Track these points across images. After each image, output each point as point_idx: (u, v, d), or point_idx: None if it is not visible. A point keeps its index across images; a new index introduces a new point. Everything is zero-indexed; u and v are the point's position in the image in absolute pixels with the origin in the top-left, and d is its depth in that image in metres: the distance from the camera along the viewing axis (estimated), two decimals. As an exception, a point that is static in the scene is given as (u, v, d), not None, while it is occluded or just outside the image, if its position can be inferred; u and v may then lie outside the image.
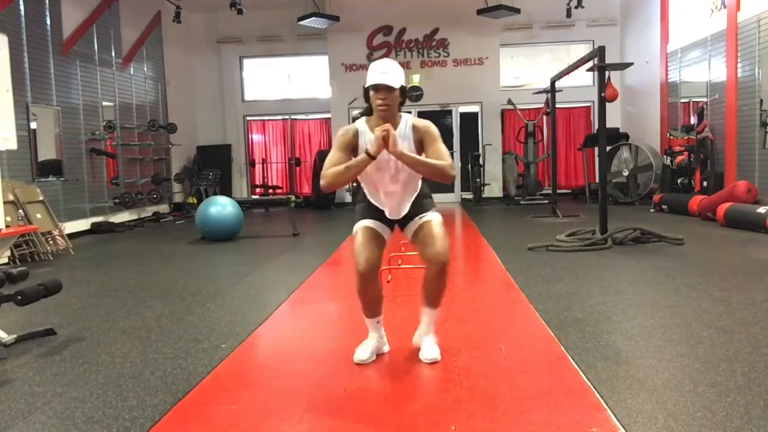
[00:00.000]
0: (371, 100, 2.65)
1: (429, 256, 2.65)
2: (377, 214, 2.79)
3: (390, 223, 2.83)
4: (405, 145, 2.62)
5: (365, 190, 2.83)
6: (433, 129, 2.69)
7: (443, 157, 2.60)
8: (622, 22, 12.37)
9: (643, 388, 2.37)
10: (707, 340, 2.95)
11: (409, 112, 3.02)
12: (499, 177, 12.55)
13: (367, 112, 2.73)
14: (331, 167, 2.60)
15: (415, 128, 2.69)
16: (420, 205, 2.78)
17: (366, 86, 2.64)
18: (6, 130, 5.69)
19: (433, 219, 2.74)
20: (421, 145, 2.68)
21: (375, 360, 2.79)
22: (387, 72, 2.60)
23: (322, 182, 2.62)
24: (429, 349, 2.78)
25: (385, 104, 2.60)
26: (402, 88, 2.64)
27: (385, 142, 2.50)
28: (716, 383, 2.39)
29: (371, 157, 2.53)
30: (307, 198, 12.69)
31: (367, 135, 2.65)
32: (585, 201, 11.17)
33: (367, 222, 2.76)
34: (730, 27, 8.18)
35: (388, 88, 2.59)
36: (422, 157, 2.62)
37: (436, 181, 2.66)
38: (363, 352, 2.78)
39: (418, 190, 2.79)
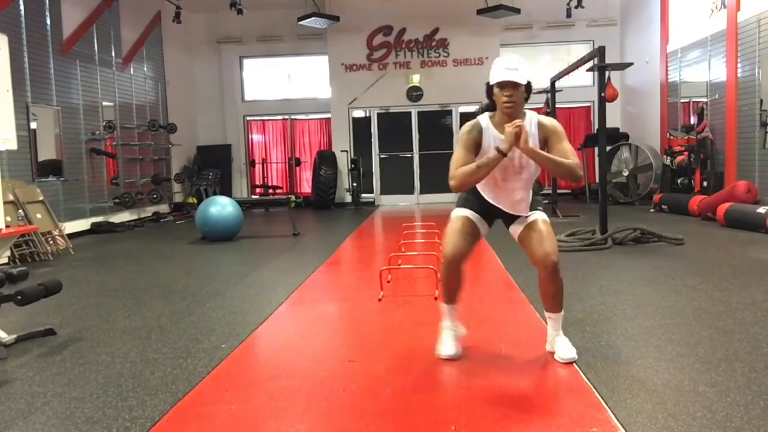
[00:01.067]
0: (496, 97, 2.58)
1: (538, 257, 2.62)
2: (480, 206, 2.76)
3: (490, 219, 2.80)
4: (531, 142, 2.56)
5: (480, 185, 2.75)
6: (560, 128, 2.66)
7: (570, 157, 2.56)
8: (622, 22, 12.37)
9: (643, 388, 2.37)
10: (707, 340, 2.95)
11: (409, 112, 2.98)
12: (499, 177, 12.53)
13: (488, 107, 2.68)
14: (459, 166, 2.57)
15: (540, 126, 2.64)
16: (531, 204, 2.75)
17: (491, 83, 2.58)
18: (6, 130, 5.69)
19: (539, 218, 2.71)
20: (545, 144, 2.63)
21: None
22: (513, 68, 2.53)
23: (452, 183, 2.59)
24: (564, 348, 2.72)
25: (511, 101, 2.54)
26: (528, 83, 2.58)
27: (517, 137, 2.46)
28: (716, 383, 2.39)
29: (503, 154, 2.50)
30: (307, 198, 12.70)
31: (492, 131, 2.62)
32: (585, 201, 11.17)
33: (467, 212, 2.75)
34: (730, 27, 8.18)
35: (515, 85, 2.53)
36: (552, 156, 2.56)
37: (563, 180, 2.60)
38: (448, 347, 2.77)
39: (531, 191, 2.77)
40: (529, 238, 2.67)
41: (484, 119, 2.67)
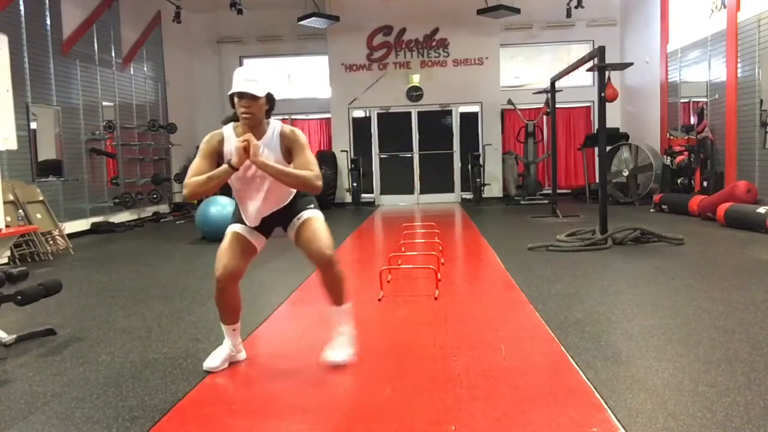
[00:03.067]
0: (236, 107, 2.57)
1: (313, 255, 2.61)
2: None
3: (266, 229, 2.76)
4: (271, 155, 2.57)
5: (237, 200, 2.76)
6: (301, 137, 2.65)
7: (309, 167, 2.56)
8: (622, 22, 12.37)
9: (643, 388, 2.37)
10: (707, 340, 2.95)
11: (409, 112, 2.95)
12: (499, 177, 12.55)
13: (235, 117, 2.65)
14: (194, 176, 2.54)
15: (282, 136, 2.63)
16: (296, 207, 2.73)
17: (229, 93, 2.57)
18: (6, 130, 5.69)
19: (311, 216, 2.70)
20: (288, 154, 2.62)
21: (227, 368, 2.73)
22: (252, 79, 2.53)
23: (184, 191, 2.59)
24: (336, 347, 2.71)
25: (249, 112, 2.54)
26: (269, 95, 2.58)
27: (246, 152, 2.45)
28: (716, 383, 2.39)
29: (234, 168, 2.49)
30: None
31: (233, 141, 2.57)
32: (585, 201, 11.16)
33: (236, 227, 2.72)
34: (730, 27, 8.18)
35: (253, 97, 2.53)
36: (286, 168, 2.55)
37: (301, 191, 2.60)
38: (214, 359, 2.72)
39: (293, 195, 2.73)
40: (303, 237, 2.65)
41: (227, 129, 2.65)
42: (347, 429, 2.15)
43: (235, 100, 2.56)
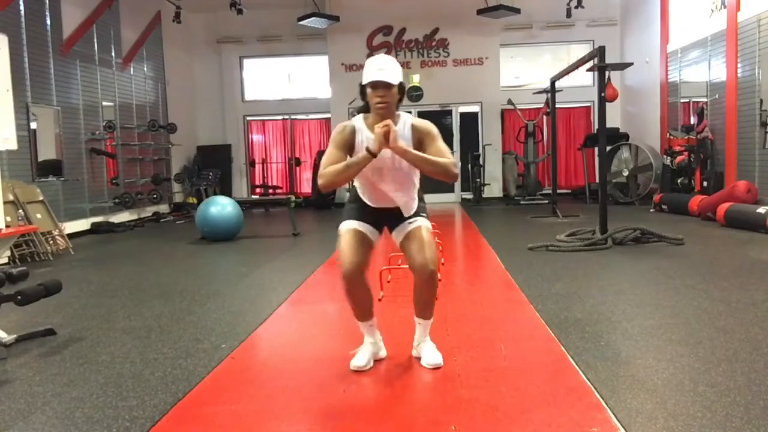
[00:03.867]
0: (368, 98, 2.55)
1: (416, 265, 2.56)
2: (366, 215, 2.70)
3: (378, 226, 2.74)
4: (403, 144, 2.53)
5: (359, 189, 2.75)
6: (433, 128, 2.62)
7: (446, 156, 2.53)
8: (622, 22, 12.37)
9: (643, 388, 2.37)
10: (707, 340, 2.95)
11: (409, 112, 2.93)
12: (499, 177, 12.55)
13: (365, 109, 2.65)
14: (329, 165, 2.51)
15: (414, 128, 2.61)
16: (412, 209, 2.69)
17: (363, 83, 2.55)
18: (6, 130, 5.69)
19: (422, 225, 2.65)
20: (420, 146, 2.58)
21: (373, 366, 2.72)
22: (384, 68, 2.51)
23: (320, 181, 2.54)
24: (430, 354, 2.71)
25: (383, 102, 2.52)
26: (400, 84, 2.56)
27: (386, 138, 2.43)
28: (716, 383, 2.39)
29: (372, 155, 2.47)
30: (307, 198, 12.67)
31: (365, 133, 2.57)
32: (585, 201, 11.16)
33: (354, 224, 2.68)
34: (730, 27, 8.18)
35: (387, 85, 2.50)
36: (425, 154, 2.53)
37: (439, 180, 2.57)
38: (360, 358, 2.70)
39: (415, 194, 2.72)
40: (409, 245, 2.61)
41: (357, 120, 2.64)
42: (347, 429, 2.15)
43: (368, 90, 2.54)
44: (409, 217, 2.68)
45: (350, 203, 2.80)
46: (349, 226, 2.68)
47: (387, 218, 2.73)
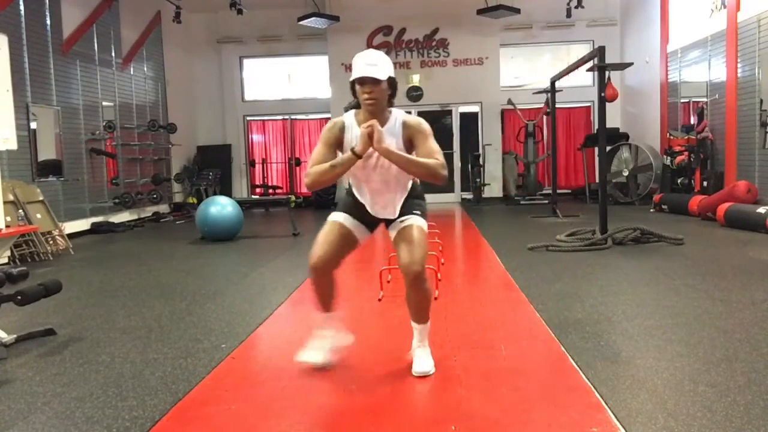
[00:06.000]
0: (358, 94, 2.50)
1: (402, 265, 2.49)
2: (358, 211, 2.65)
3: (372, 223, 2.69)
4: (393, 142, 2.48)
5: (352, 185, 2.71)
6: (425, 126, 2.55)
7: (435, 156, 2.45)
8: (622, 22, 12.37)
9: (643, 388, 2.37)
10: (707, 340, 2.95)
11: (409, 112, 2.90)
12: (499, 177, 12.55)
13: (356, 105, 2.60)
14: (316, 164, 2.47)
15: (405, 125, 2.54)
16: (407, 207, 2.62)
17: (351, 79, 2.51)
18: (6, 130, 5.69)
19: (414, 224, 2.56)
20: (411, 144, 2.53)
21: (329, 360, 2.70)
22: (373, 63, 2.45)
23: (306, 180, 2.52)
24: (420, 361, 2.61)
25: (372, 98, 2.46)
26: (391, 79, 2.50)
27: (370, 138, 2.38)
28: (716, 383, 2.39)
29: (357, 156, 2.41)
30: (307, 198, 12.70)
31: (355, 130, 2.52)
32: (585, 201, 11.17)
33: (341, 216, 2.64)
34: (730, 27, 8.18)
35: (375, 81, 2.44)
36: (411, 156, 2.47)
37: (430, 182, 2.51)
38: (313, 352, 2.70)
39: (408, 191, 2.65)
40: (399, 244, 2.54)
41: (348, 117, 2.59)
42: (347, 429, 2.15)
43: (357, 86, 2.49)
44: (404, 215, 2.61)
45: (347, 195, 2.75)
46: (334, 218, 2.65)
47: (384, 215, 2.68)
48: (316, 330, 2.79)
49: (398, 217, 2.61)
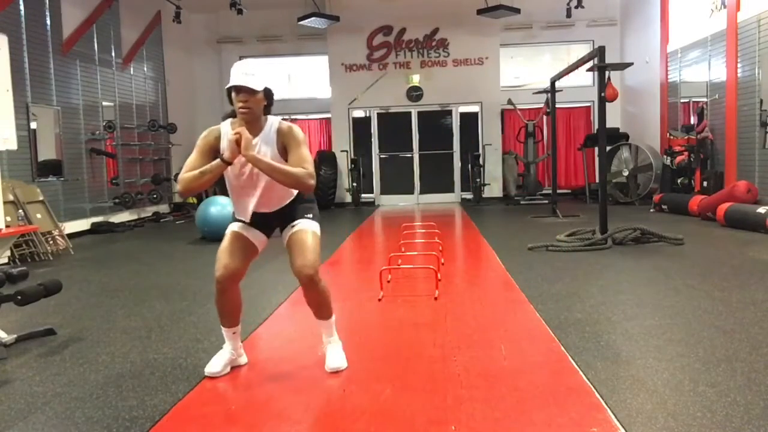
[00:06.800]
0: (233, 102, 2.51)
1: (294, 269, 2.55)
2: (253, 217, 2.68)
3: (267, 228, 2.72)
4: (268, 150, 2.52)
5: (231, 196, 2.70)
6: (297, 132, 2.58)
7: (303, 164, 2.48)
8: (622, 22, 12.37)
9: (643, 388, 2.37)
10: (707, 340, 2.95)
11: (409, 113, 2.87)
12: (499, 177, 12.55)
13: (233, 113, 2.61)
14: (189, 171, 2.48)
15: (279, 132, 2.57)
16: (298, 211, 2.66)
17: (226, 87, 2.52)
18: (6, 130, 5.69)
19: (303, 228, 2.61)
20: (286, 151, 2.55)
21: (229, 372, 2.69)
22: (249, 73, 2.48)
23: (178, 186, 2.53)
24: (332, 356, 2.70)
25: (246, 107, 2.48)
26: (267, 90, 2.53)
27: (238, 145, 2.40)
28: (716, 383, 2.39)
29: (226, 163, 2.45)
30: (307, 198, 12.68)
31: (229, 137, 2.51)
32: (585, 201, 11.17)
33: (236, 226, 2.67)
34: (730, 27, 8.18)
35: (250, 91, 2.47)
36: (278, 164, 2.47)
37: (298, 190, 2.52)
38: (215, 364, 2.67)
39: (294, 195, 2.66)
40: (291, 248, 2.60)
41: (225, 125, 2.59)
42: (347, 429, 2.15)
43: (233, 95, 2.51)
44: (294, 220, 2.64)
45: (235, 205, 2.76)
46: (230, 230, 2.68)
47: (275, 220, 2.70)
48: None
49: (289, 223, 2.65)
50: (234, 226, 2.69)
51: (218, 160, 2.47)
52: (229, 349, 2.74)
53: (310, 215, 2.68)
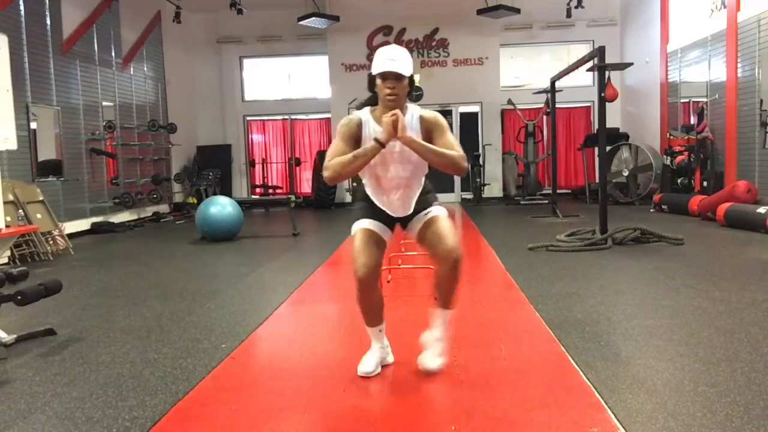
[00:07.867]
0: (378, 89, 2.45)
1: (441, 254, 2.49)
2: (377, 213, 2.62)
3: (390, 223, 2.67)
4: (412, 135, 2.46)
5: (366, 186, 2.67)
6: (442, 120, 2.54)
7: (454, 148, 2.44)
8: (622, 22, 12.37)
9: (643, 388, 2.37)
10: (707, 340, 2.95)
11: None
12: (499, 177, 12.55)
13: (371, 102, 2.58)
14: (335, 157, 2.43)
15: (422, 120, 2.52)
16: (424, 202, 2.63)
17: (373, 73, 2.46)
18: (6, 130, 5.69)
19: (439, 214, 2.59)
20: (429, 138, 2.50)
21: (380, 372, 2.65)
22: (396, 59, 2.41)
23: (326, 174, 2.44)
24: (432, 357, 2.62)
25: (393, 93, 2.41)
26: (411, 77, 2.47)
27: (394, 128, 2.35)
28: (716, 383, 2.39)
29: (381, 145, 2.37)
30: (307, 198, 12.69)
31: (372, 125, 2.49)
32: (585, 201, 11.16)
33: (366, 223, 2.61)
34: (730, 27, 8.18)
35: (398, 76, 2.40)
36: (433, 146, 2.44)
37: (447, 173, 2.49)
38: (367, 364, 2.62)
39: (422, 187, 2.64)
40: (430, 235, 2.55)
41: (364, 113, 2.55)
42: (347, 429, 2.15)
43: (378, 81, 2.44)
44: (423, 209, 2.61)
45: (360, 201, 2.73)
46: (361, 226, 2.61)
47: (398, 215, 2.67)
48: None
49: (418, 213, 2.62)
50: (363, 224, 2.61)
51: (373, 143, 2.40)
52: (378, 347, 2.69)
53: (437, 203, 2.67)
